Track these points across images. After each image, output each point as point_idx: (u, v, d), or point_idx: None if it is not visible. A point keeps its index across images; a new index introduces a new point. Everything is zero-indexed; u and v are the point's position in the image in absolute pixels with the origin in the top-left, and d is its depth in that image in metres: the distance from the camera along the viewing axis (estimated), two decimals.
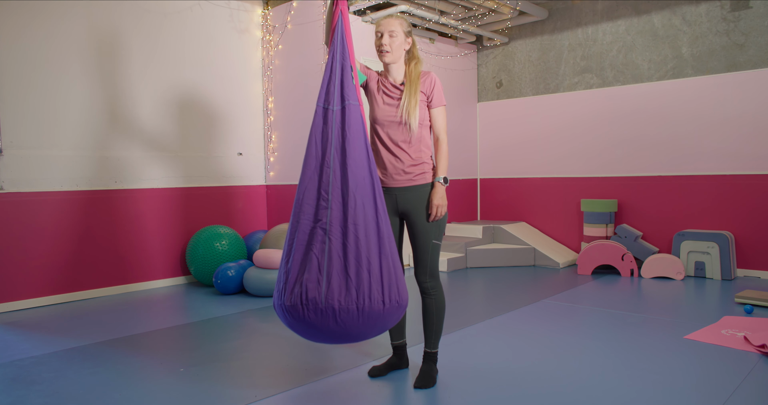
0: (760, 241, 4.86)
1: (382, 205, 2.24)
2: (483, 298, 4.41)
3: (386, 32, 2.47)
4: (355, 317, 2.11)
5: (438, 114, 2.53)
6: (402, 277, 2.22)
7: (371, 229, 2.18)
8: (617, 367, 2.70)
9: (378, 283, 2.13)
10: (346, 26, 2.32)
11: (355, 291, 2.10)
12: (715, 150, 5.04)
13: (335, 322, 2.11)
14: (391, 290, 2.15)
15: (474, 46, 6.66)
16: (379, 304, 2.11)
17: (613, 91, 5.64)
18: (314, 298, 2.11)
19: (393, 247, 2.23)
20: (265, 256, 4.33)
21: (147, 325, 3.60)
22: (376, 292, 2.12)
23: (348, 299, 2.10)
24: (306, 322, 2.15)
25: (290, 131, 5.47)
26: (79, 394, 2.46)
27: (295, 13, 5.34)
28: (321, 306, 2.10)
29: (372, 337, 2.25)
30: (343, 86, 2.26)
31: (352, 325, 2.13)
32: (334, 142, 2.22)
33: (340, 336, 2.19)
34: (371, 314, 2.11)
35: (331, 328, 2.14)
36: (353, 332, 2.17)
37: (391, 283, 2.16)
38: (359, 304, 2.10)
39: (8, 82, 4.07)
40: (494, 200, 6.66)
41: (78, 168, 4.42)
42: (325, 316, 2.11)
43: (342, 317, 2.10)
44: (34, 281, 4.19)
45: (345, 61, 2.29)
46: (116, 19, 4.60)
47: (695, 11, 5.12)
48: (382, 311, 2.13)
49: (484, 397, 2.36)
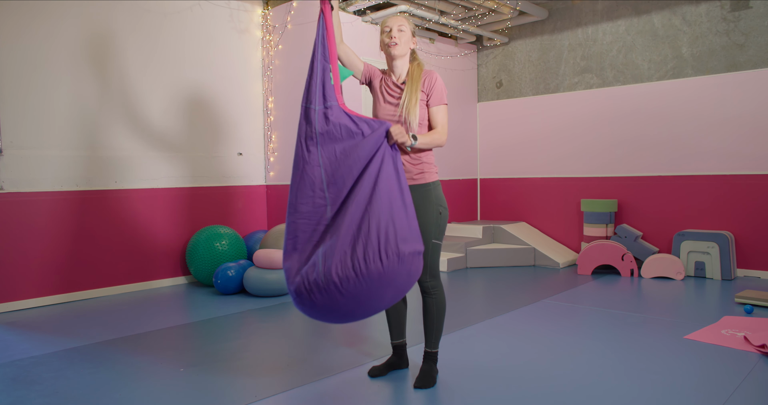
0: (760, 241, 4.86)
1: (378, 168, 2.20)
2: (483, 298, 4.41)
3: (395, 27, 2.49)
4: (357, 283, 2.08)
5: (437, 112, 2.51)
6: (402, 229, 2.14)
7: (363, 195, 2.16)
8: (617, 367, 2.70)
9: (372, 242, 2.08)
10: (328, 26, 2.35)
11: (350, 259, 2.08)
12: (715, 150, 5.04)
13: (342, 295, 2.10)
14: (388, 245, 2.09)
15: (474, 46, 6.66)
16: (377, 263, 2.07)
17: (613, 91, 5.64)
18: (315, 280, 2.11)
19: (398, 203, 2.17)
20: (265, 256, 4.33)
21: (147, 325, 3.60)
22: (371, 252, 2.08)
23: (344, 268, 2.08)
24: (317, 304, 2.15)
25: (290, 131, 5.47)
26: (79, 394, 2.46)
27: (295, 13, 5.34)
28: (322, 284, 2.10)
29: (391, 302, 2.20)
30: (325, 87, 2.32)
31: (360, 293, 2.09)
32: (319, 140, 2.27)
33: (357, 309, 2.17)
34: (372, 275, 2.07)
35: (343, 303, 2.12)
36: (365, 301, 2.13)
37: (389, 238, 2.10)
38: (357, 269, 2.07)
39: (8, 82, 4.07)
40: (494, 200, 6.66)
41: (78, 168, 4.42)
42: (330, 293, 2.10)
43: (346, 287, 2.08)
44: (34, 281, 4.19)
45: (327, 61, 2.34)
46: (116, 19, 4.60)
47: (695, 11, 5.12)
48: (382, 269, 2.07)
49: (484, 397, 2.36)
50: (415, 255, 2.16)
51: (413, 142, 2.38)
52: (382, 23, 2.55)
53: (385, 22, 2.53)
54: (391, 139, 2.28)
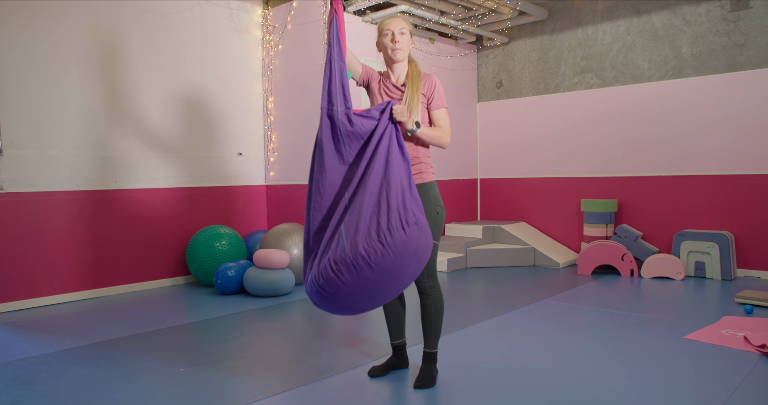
0: (760, 241, 4.85)
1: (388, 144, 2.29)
2: (483, 298, 4.41)
3: (397, 30, 2.47)
4: (385, 254, 2.13)
5: (439, 115, 2.53)
6: (411, 201, 2.25)
7: (378, 171, 2.25)
8: (617, 367, 2.70)
9: (393, 213, 2.18)
10: (341, 26, 2.34)
11: (375, 232, 2.15)
12: (715, 150, 5.04)
13: (371, 269, 2.14)
14: (407, 214, 2.20)
15: (474, 46, 6.66)
16: (400, 231, 2.15)
17: (613, 91, 5.64)
18: (341, 258, 2.14)
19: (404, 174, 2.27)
20: (265, 256, 4.33)
21: (147, 325, 3.60)
22: (393, 222, 2.17)
23: (370, 240, 2.14)
24: (346, 287, 2.17)
25: (290, 131, 5.48)
26: (79, 394, 2.46)
27: (295, 13, 5.34)
28: (350, 261, 2.13)
29: (416, 274, 2.27)
30: (344, 87, 2.32)
31: (388, 264, 2.14)
32: (344, 139, 2.31)
33: (385, 284, 2.20)
34: (397, 244, 2.14)
35: (372, 278, 2.15)
36: (393, 272, 2.18)
37: (407, 208, 2.21)
38: (382, 240, 2.13)
39: (8, 82, 4.07)
40: (494, 200, 6.66)
41: (78, 168, 4.42)
42: (359, 268, 2.13)
43: (374, 260, 2.13)
44: (34, 281, 4.19)
45: (343, 61, 2.34)
46: (116, 19, 4.60)
47: (695, 11, 5.12)
48: (406, 237, 2.16)
49: (484, 397, 2.36)
50: (427, 224, 2.29)
51: (415, 128, 2.41)
52: (382, 25, 2.51)
53: (385, 25, 2.49)
54: (396, 116, 2.35)
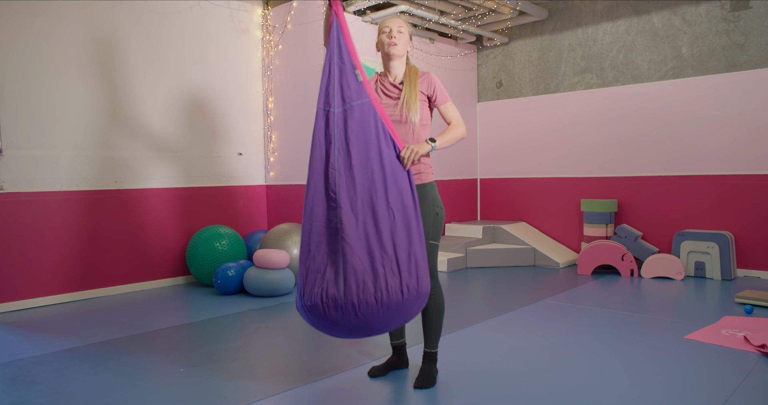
0: (760, 241, 4.85)
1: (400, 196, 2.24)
2: (483, 298, 4.41)
3: (395, 27, 2.50)
4: (376, 310, 2.13)
5: (447, 108, 2.56)
6: (423, 266, 2.23)
7: (383, 223, 2.20)
8: (617, 367, 2.70)
9: (394, 274, 2.16)
10: (343, 27, 2.33)
11: (372, 284, 2.14)
12: (715, 150, 5.04)
13: (356, 317, 2.15)
14: (410, 279, 2.17)
15: (474, 46, 6.66)
16: (397, 295, 2.14)
17: (613, 91, 5.64)
18: (334, 296, 2.15)
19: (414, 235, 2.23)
20: (265, 256, 4.33)
21: (147, 325, 3.60)
22: (393, 283, 2.15)
23: (366, 293, 2.13)
24: (328, 319, 2.18)
25: (290, 131, 5.48)
26: (79, 394, 2.46)
27: (295, 13, 5.34)
28: (341, 302, 2.14)
29: (394, 328, 2.28)
30: (344, 88, 2.28)
31: (373, 318, 2.15)
32: (338, 144, 2.25)
33: (362, 330, 2.22)
34: (390, 305, 2.14)
35: (353, 323, 2.17)
36: (375, 325, 2.19)
37: (410, 272, 2.18)
38: (377, 297, 2.13)
39: (8, 82, 4.07)
40: (494, 200, 6.66)
41: (78, 168, 4.42)
42: (345, 312, 2.14)
43: (362, 311, 2.13)
44: (34, 281, 4.19)
45: (344, 63, 2.30)
46: (116, 19, 4.60)
47: (695, 11, 5.12)
48: (401, 301, 2.15)
49: (484, 397, 2.36)
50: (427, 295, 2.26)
51: (434, 146, 2.42)
52: (381, 24, 2.55)
53: (385, 23, 2.54)
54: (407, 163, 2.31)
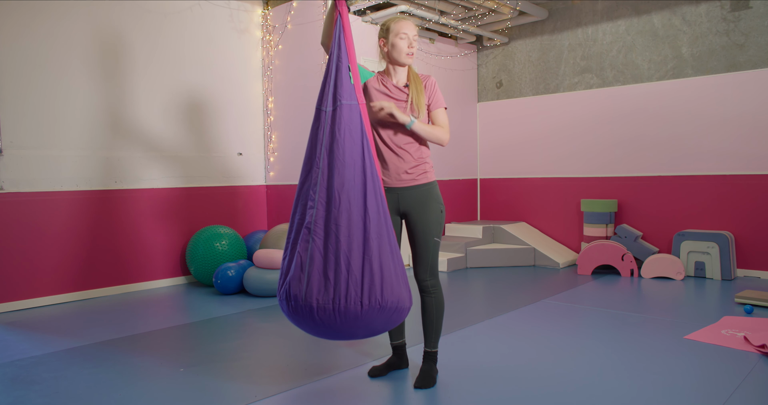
0: (760, 241, 4.85)
1: (376, 205, 2.20)
2: (483, 298, 4.40)
3: (412, 35, 2.48)
4: (332, 316, 2.12)
5: (438, 114, 2.55)
6: (393, 278, 2.16)
7: (356, 229, 2.15)
8: (617, 367, 2.70)
9: (357, 284, 2.11)
10: (345, 27, 2.33)
11: (333, 290, 2.11)
12: (715, 150, 5.04)
13: (314, 320, 2.15)
14: (372, 291, 2.11)
15: (474, 46, 6.66)
16: (356, 306, 2.10)
17: (613, 91, 5.64)
18: (296, 295, 2.16)
19: (386, 247, 2.17)
20: (265, 256, 4.33)
21: (147, 325, 3.60)
22: (353, 293, 2.10)
23: (325, 298, 2.12)
24: (296, 315, 2.20)
25: (290, 131, 5.48)
26: (79, 394, 2.46)
27: (295, 13, 5.34)
28: (301, 303, 2.15)
29: (363, 337, 2.25)
30: (337, 87, 2.27)
31: (331, 324, 2.15)
32: (324, 142, 2.24)
33: (328, 333, 2.22)
34: (348, 314, 2.11)
35: (318, 324, 2.17)
36: (340, 330, 2.18)
37: (373, 284, 2.12)
38: (335, 304, 2.11)
39: (8, 82, 4.07)
40: (494, 200, 6.66)
41: (78, 168, 4.42)
42: (305, 313, 2.15)
43: (320, 315, 2.13)
44: (34, 281, 4.19)
45: (341, 62, 2.30)
46: (116, 19, 4.60)
47: (695, 11, 5.12)
48: (360, 312, 2.11)
49: (484, 397, 2.36)
50: (401, 310, 2.19)
51: (412, 120, 2.42)
52: (397, 26, 2.47)
53: (401, 27, 2.46)
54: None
